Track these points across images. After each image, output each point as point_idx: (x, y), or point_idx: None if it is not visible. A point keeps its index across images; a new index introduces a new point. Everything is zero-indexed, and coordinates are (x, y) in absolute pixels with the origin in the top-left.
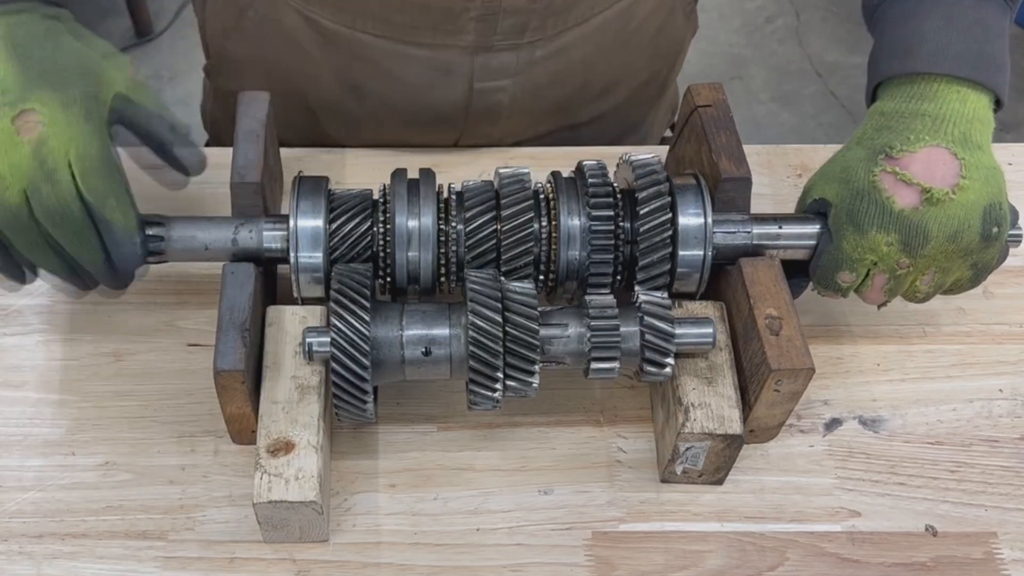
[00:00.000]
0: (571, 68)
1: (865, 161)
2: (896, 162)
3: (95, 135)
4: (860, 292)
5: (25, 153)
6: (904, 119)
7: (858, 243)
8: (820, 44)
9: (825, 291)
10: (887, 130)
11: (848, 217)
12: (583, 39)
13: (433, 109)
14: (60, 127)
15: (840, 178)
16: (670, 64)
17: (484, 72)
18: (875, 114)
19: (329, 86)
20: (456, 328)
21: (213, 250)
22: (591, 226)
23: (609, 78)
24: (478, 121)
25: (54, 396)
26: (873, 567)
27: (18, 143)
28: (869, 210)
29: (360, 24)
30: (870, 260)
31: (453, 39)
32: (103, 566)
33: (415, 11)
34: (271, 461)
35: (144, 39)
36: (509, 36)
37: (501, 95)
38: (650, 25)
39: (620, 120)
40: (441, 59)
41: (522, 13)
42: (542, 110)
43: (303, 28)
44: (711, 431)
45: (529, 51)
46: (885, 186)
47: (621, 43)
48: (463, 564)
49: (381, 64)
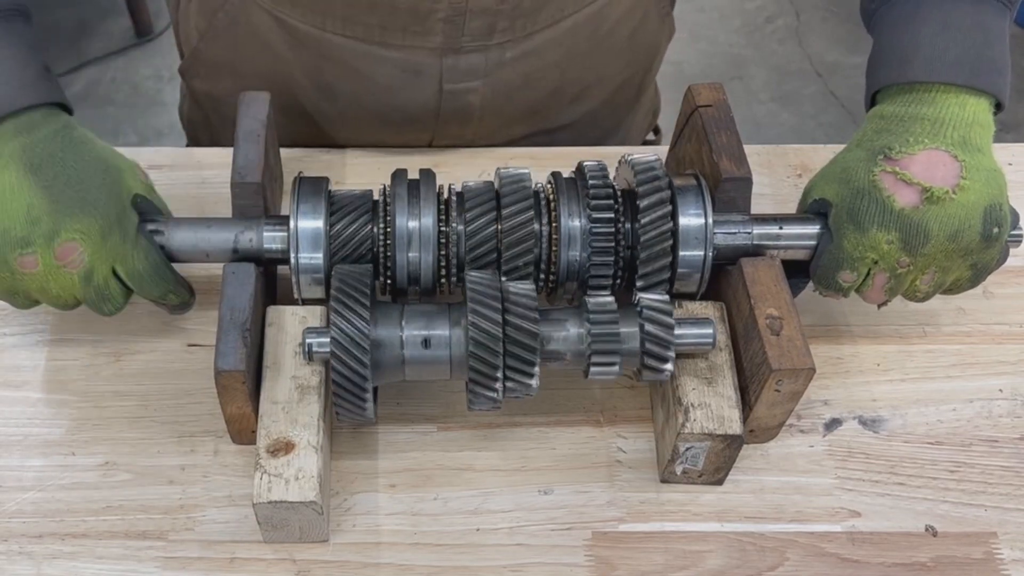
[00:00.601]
0: (542, 71)
1: (865, 161)
2: (896, 163)
3: (139, 248)
4: (861, 292)
5: (75, 281)
6: (903, 123)
7: (859, 242)
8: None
9: (826, 291)
10: (886, 132)
11: (849, 216)
12: (554, 42)
13: (404, 110)
14: (103, 254)
15: (840, 178)
16: (645, 68)
17: (453, 73)
18: (874, 117)
19: (301, 87)
20: (456, 328)
21: (214, 251)
22: (591, 227)
23: (582, 82)
24: (449, 122)
25: (54, 396)
26: (873, 567)
27: (66, 276)
28: (870, 209)
29: (329, 25)
30: (871, 259)
31: (421, 40)
32: (103, 566)
33: (383, 12)
34: (271, 461)
35: (144, 39)
36: (477, 37)
37: (471, 96)
38: (623, 28)
39: (596, 124)
40: (410, 60)
41: (489, 14)
42: (514, 113)
43: (273, 29)
44: (711, 431)
45: (498, 53)
46: (885, 185)
47: (593, 46)
48: (463, 564)
49: (351, 65)
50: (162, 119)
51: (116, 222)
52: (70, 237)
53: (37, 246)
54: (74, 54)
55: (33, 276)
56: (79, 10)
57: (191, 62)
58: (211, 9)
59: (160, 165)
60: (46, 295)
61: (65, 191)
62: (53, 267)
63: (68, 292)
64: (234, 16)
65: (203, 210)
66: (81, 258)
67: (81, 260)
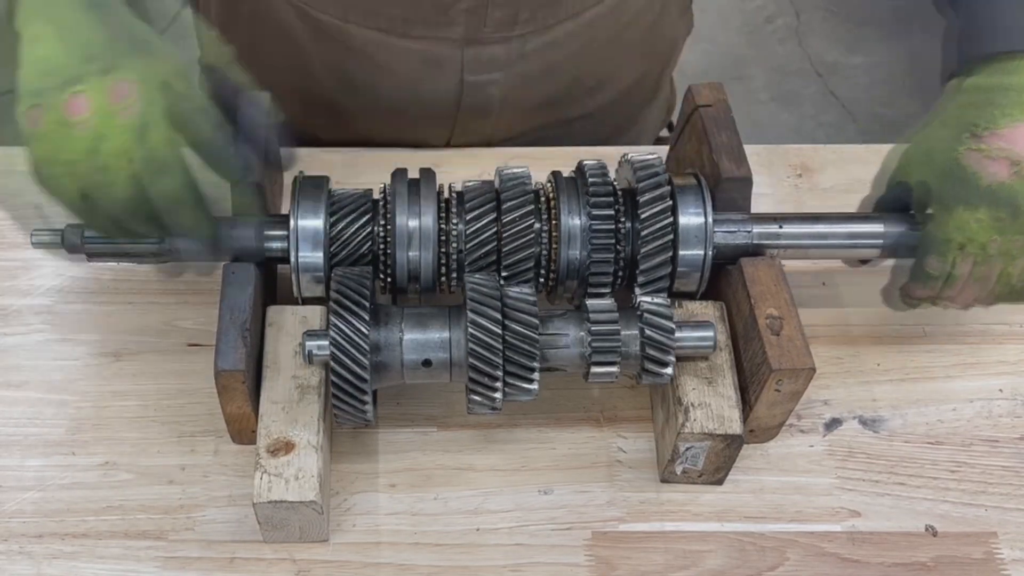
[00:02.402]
0: (562, 62)
1: (950, 140)
2: (981, 139)
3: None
4: (950, 286)
5: (130, 139)
6: (988, 93)
7: (944, 223)
8: (820, 44)
9: (917, 288)
10: (970, 107)
11: (932, 198)
12: (574, 33)
13: (424, 102)
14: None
15: (922, 160)
16: (664, 62)
17: (475, 65)
18: (956, 91)
19: (321, 79)
20: (456, 332)
21: None
22: (591, 226)
23: (600, 74)
24: (469, 115)
25: (54, 396)
26: (873, 567)
27: (120, 125)
28: (954, 188)
29: (352, 16)
30: (957, 242)
31: (444, 31)
32: (103, 566)
33: (405, 3)
34: (271, 461)
35: None
36: (499, 28)
37: (492, 88)
38: (642, 21)
39: (612, 117)
40: (432, 52)
41: (512, 5)
42: (533, 105)
43: (295, 21)
44: (711, 431)
45: (520, 44)
46: (970, 162)
47: (613, 39)
48: (463, 564)
49: (372, 57)
50: None
51: (182, 74)
52: (126, 76)
53: (89, 83)
54: None
55: (84, 126)
56: None
57: None
58: (233, 1)
59: None
60: (95, 162)
61: (127, 31)
62: (106, 110)
63: (122, 155)
64: (256, 8)
65: None
66: (137, 103)
67: (137, 105)
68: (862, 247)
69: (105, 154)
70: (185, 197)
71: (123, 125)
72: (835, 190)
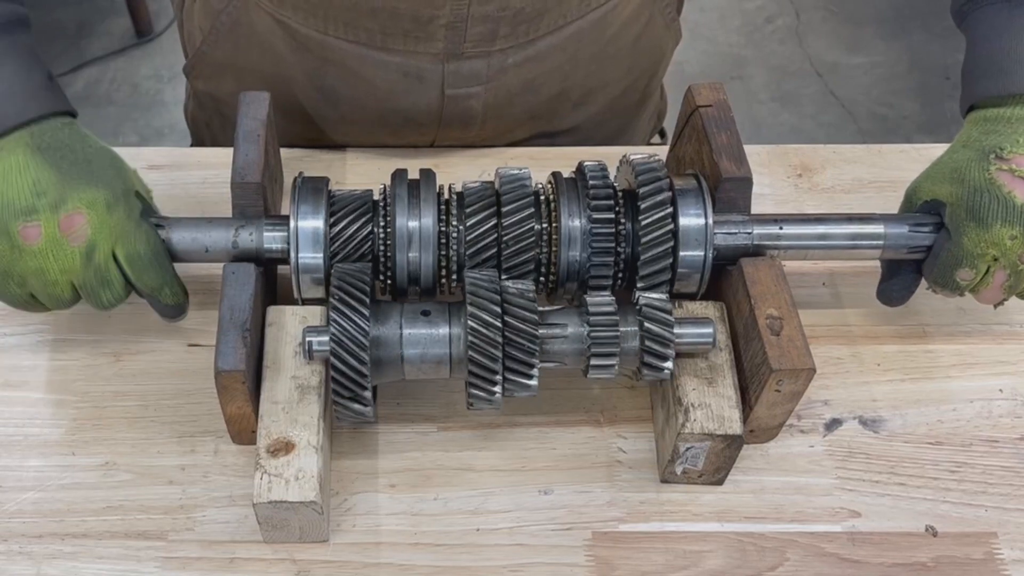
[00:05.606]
0: (545, 76)
1: (977, 161)
2: (1008, 161)
3: (141, 231)
4: (978, 291)
5: (76, 260)
6: (1010, 123)
7: (980, 238)
8: (820, 44)
9: (942, 289)
10: (994, 134)
11: (968, 213)
12: (557, 47)
13: (405, 114)
14: (107, 229)
15: (952, 178)
16: (650, 73)
17: (455, 78)
18: (978, 120)
19: (302, 90)
20: (456, 327)
21: (214, 251)
22: (592, 227)
23: (586, 87)
24: (451, 127)
25: (54, 396)
26: (873, 567)
27: (68, 251)
28: (991, 205)
29: (331, 29)
30: (991, 256)
31: (423, 46)
32: (103, 566)
33: (384, 17)
34: (271, 461)
35: (144, 39)
36: (479, 43)
37: (473, 101)
38: (628, 34)
39: (599, 129)
40: (412, 65)
41: (491, 20)
42: (516, 117)
43: (276, 32)
44: (711, 431)
45: (500, 58)
46: (1004, 182)
47: (597, 52)
48: (463, 564)
49: (352, 69)
50: (162, 119)
51: (122, 198)
52: (76, 207)
53: (42, 215)
54: (74, 54)
55: (33, 252)
56: (79, 10)
57: (194, 62)
58: (215, 10)
59: (160, 165)
60: (43, 278)
61: (72, 168)
62: (56, 240)
63: (67, 274)
64: (237, 18)
65: (203, 210)
66: (84, 231)
67: (84, 233)
68: (863, 248)
69: (53, 272)
70: (124, 298)
71: (72, 251)
72: (835, 190)
